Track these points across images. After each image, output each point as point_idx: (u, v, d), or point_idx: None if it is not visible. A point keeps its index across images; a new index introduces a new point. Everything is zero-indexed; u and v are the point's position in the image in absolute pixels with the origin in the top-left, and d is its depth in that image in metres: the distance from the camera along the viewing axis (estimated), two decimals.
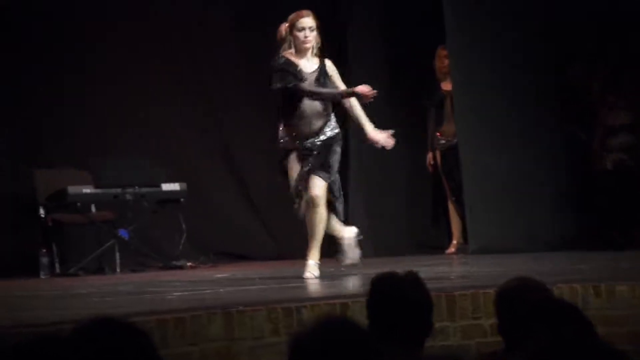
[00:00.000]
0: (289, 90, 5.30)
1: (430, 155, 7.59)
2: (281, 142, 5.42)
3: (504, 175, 6.97)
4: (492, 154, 6.98)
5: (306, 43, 5.33)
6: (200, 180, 7.88)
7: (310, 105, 5.31)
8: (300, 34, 5.33)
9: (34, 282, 6.73)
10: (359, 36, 7.79)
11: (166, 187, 7.41)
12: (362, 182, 7.72)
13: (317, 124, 5.32)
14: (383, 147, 5.51)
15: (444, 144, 7.47)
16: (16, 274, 6.98)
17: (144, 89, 7.82)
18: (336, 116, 5.53)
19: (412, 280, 2.72)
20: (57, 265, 7.18)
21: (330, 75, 5.41)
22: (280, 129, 5.42)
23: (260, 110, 7.84)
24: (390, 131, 5.48)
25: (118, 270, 7.19)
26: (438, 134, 7.51)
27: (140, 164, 7.46)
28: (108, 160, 7.36)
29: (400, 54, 7.79)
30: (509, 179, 6.97)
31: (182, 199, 7.45)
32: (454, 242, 7.44)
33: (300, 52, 5.36)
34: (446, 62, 7.39)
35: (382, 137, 5.46)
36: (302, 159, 5.34)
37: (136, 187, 7.29)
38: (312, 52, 5.38)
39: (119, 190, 7.24)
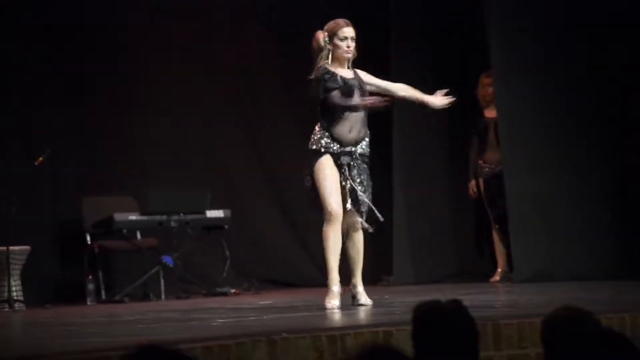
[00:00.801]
0: (327, 100, 5.26)
1: (473, 182, 7.57)
2: (315, 144, 5.29)
3: (549, 203, 6.92)
4: (537, 181, 6.93)
5: (348, 53, 5.30)
6: (245, 207, 7.92)
7: (355, 112, 5.27)
8: (343, 44, 5.29)
9: (81, 309, 6.80)
10: (402, 63, 7.80)
11: (210, 214, 7.46)
12: (405, 208, 7.71)
13: (358, 132, 5.27)
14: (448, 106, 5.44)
15: (487, 171, 7.45)
16: (63, 301, 7.06)
17: (190, 117, 7.91)
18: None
19: (456, 308, 2.71)
20: (103, 292, 7.25)
21: (367, 82, 5.37)
22: (317, 130, 5.30)
23: (305, 138, 7.88)
24: (443, 91, 5.42)
25: (163, 296, 7.24)
26: (481, 161, 7.49)
27: (185, 191, 7.53)
28: (153, 188, 7.44)
29: (444, 82, 7.78)
30: (554, 207, 6.91)
31: (226, 226, 7.50)
32: (499, 270, 7.39)
33: (339, 61, 5.31)
34: (489, 90, 7.38)
35: (440, 101, 5.42)
36: (339, 165, 5.25)
37: (181, 214, 7.35)
38: (348, 62, 5.34)
39: (164, 217, 7.31)
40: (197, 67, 7.93)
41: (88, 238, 7.38)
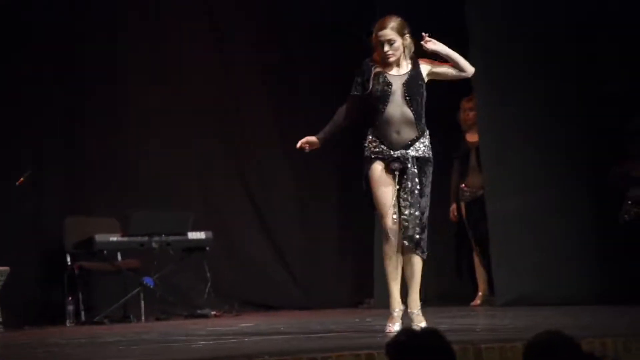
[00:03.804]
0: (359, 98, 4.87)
1: (454, 206, 7.59)
2: (366, 150, 4.91)
3: (531, 226, 6.94)
4: (520, 204, 6.95)
5: (388, 58, 4.85)
6: (226, 229, 7.92)
7: (397, 112, 4.83)
8: (380, 49, 4.86)
9: (60, 330, 6.75)
10: None
11: (192, 235, 7.45)
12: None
13: (407, 134, 4.84)
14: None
15: (468, 195, 7.48)
16: (43, 322, 7.02)
17: (172, 139, 7.91)
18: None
19: (432, 337, 2.68)
20: (83, 313, 7.21)
21: (428, 72, 4.90)
22: (368, 134, 4.91)
23: (287, 158, 7.90)
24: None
25: (143, 318, 7.21)
26: (463, 185, 7.52)
27: (167, 212, 7.51)
28: (135, 209, 7.42)
29: (429, 108, 7.83)
30: (537, 230, 6.93)
31: (207, 248, 7.49)
32: (480, 293, 7.41)
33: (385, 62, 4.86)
34: (470, 114, 7.43)
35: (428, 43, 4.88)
36: (390, 170, 4.84)
37: (162, 235, 7.33)
38: (404, 57, 4.87)
39: (145, 238, 7.29)
40: (180, 91, 7.94)
41: (68, 259, 7.35)
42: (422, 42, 4.89)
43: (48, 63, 7.53)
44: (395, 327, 4.99)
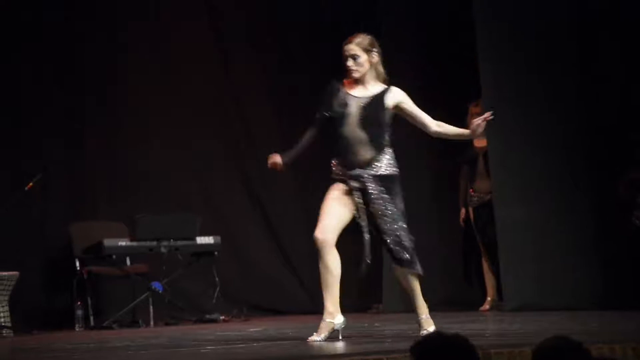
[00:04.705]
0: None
1: (462, 211, 7.59)
2: (332, 173, 4.93)
3: (539, 231, 6.93)
4: (528, 210, 6.94)
5: (352, 73, 4.82)
6: (235, 233, 7.93)
7: (352, 133, 4.78)
8: (345, 63, 4.85)
9: (69, 335, 6.76)
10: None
11: (200, 240, 7.46)
12: None
13: (363, 154, 4.79)
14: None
15: (477, 200, 7.47)
16: (51, 326, 7.03)
17: (180, 143, 7.92)
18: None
19: (459, 341, 2.67)
20: (91, 318, 7.22)
21: (396, 105, 4.85)
22: (333, 159, 4.93)
23: (295, 164, 7.90)
24: (478, 119, 4.88)
25: (152, 323, 7.21)
26: (471, 190, 7.52)
27: (175, 217, 7.52)
28: (143, 214, 7.43)
29: (434, 112, 7.83)
30: (545, 236, 6.92)
31: (216, 252, 7.49)
32: (488, 298, 7.40)
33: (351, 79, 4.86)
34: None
35: (478, 126, 4.85)
36: (349, 189, 4.80)
37: (171, 240, 7.34)
38: (376, 78, 4.84)
39: (154, 243, 7.30)
40: (187, 94, 7.96)
41: (77, 263, 7.36)
42: (483, 118, 4.86)
43: (47, 63, 7.54)
44: (319, 337, 4.82)
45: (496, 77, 7.06)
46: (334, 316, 4.87)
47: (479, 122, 4.88)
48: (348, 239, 6.46)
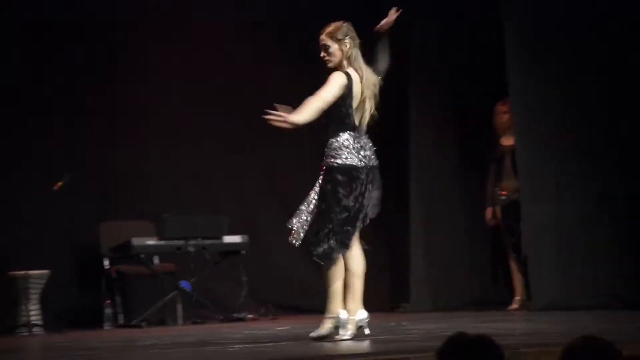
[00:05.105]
0: None
1: (489, 210, 7.56)
2: None
3: (566, 230, 6.89)
4: (555, 209, 6.90)
5: (325, 63, 4.95)
6: (262, 232, 7.93)
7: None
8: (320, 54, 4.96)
9: (98, 333, 6.81)
10: (422, 92, 7.83)
11: (228, 239, 7.47)
12: (422, 236, 7.70)
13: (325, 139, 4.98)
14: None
15: (504, 199, 7.44)
16: (81, 325, 7.08)
17: (208, 143, 7.94)
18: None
19: (485, 341, 2.66)
20: (120, 317, 7.26)
21: None
22: None
23: (317, 159, 7.89)
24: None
25: (180, 322, 7.24)
26: (498, 189, 7.48)
27: (203, 216, 7.54)
28: (171, 213, 7.46)
29: (461, 109, 7.81)
30: (572, 235, 6.88)
31: (243, 251, 7.50)
32: (517, 298, 7.36)
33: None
34: (505, 117, 7.40)
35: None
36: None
37: (199, 239, 7.36)
38: (349, 66, 4.90)
39: (181, 242, 7.32)
40: (214, 92, 7.97)
41: (106, 263, 7.40)
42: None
43: (80, 65, 7.58)
44: (346, 333, 4.88)
45: (523, 75, 7.02)
46: (355, 313, 4.91)
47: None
48: (380, 237, 6.42)
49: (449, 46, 7.75)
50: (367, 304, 5.37)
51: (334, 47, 4.90)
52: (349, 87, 4.88)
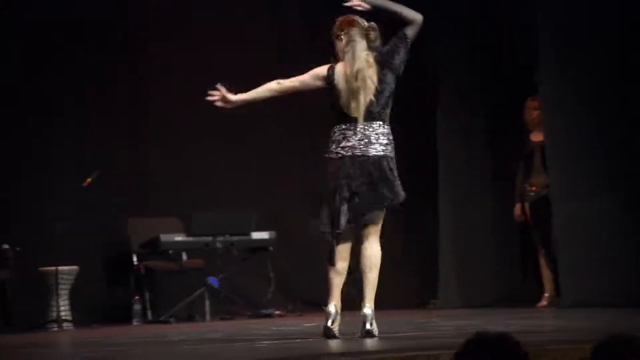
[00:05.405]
0: None
1: (518, 206, 7.51)
2: None
3: (597, 227, 6.83)
4: (585, 205, 6.85)
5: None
6: (289, 229, 7.94)
7: None
8: None
9: (127, 329, 6.85)
10: (452, 88, 7.80)
11: (256, 235, 7.49)
12: (451, 233, 7.68)
13: None
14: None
15: (533, 195, 7.39)
16: (110, 320, 7.13)
17: (236, 139, 7.96)
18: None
19: (505, 337, 2.64)
20: (149, 312, 7.30)
21: None
22: None
23: None
24: None
25: (208, 318, 7.27)
26: (527, 185, 7.44)
27: (231, 212, 7.56)
28: (200, 209, 7.49)
29: (490, 106, 7.78)
30: (603, 231, 6.82)
31: (271, 248, 7.52)
32: (546, 294, 7.31)
33: None
34: (535, 113, 7.36)
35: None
36: None
37: (227, 235, 7.38)
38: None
39: (210, 238, 7.35)
40: (242, 90, 7.96)
41: (134, 258, 7.44)
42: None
43: (112, 63, 7.63)
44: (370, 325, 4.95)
45: (554, 70, 6.97)
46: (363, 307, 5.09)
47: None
48: (410, 234, 6.41)
49: (478, 41, 7.72)
50: (396, 300, 5.37)
51: (335, 43, 5.01)
52: (328, 80, 4.99)
